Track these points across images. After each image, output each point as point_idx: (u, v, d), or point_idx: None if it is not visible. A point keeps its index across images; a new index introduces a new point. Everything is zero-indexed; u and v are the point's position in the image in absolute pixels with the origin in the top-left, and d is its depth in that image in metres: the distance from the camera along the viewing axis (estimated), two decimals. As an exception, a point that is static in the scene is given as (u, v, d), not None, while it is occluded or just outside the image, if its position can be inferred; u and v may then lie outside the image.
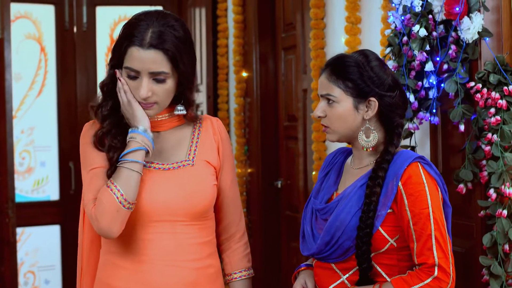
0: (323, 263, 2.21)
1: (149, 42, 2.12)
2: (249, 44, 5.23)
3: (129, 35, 2.15)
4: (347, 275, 2.16)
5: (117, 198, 2.10)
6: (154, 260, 2.19)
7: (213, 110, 5.56)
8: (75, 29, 5.97)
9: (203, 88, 5.65)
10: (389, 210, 2.11)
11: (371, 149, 2.20)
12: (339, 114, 2.18)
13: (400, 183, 2.09)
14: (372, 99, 2.17)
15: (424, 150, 3.07)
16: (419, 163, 2.12)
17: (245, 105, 5.35)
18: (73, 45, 5.98)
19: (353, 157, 2.28)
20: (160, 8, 6.24)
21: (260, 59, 5.10)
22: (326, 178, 2.32)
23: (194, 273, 2.23)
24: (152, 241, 2.19)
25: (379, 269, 2.13)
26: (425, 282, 2.05)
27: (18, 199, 5.43)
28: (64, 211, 5.86)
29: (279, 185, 5.00)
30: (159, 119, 2.26)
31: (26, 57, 5.86)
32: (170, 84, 2.17)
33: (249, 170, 5.31)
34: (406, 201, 2.08)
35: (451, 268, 2.06)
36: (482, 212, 2.68)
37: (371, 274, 2.13)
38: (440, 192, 2.14)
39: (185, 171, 2.24)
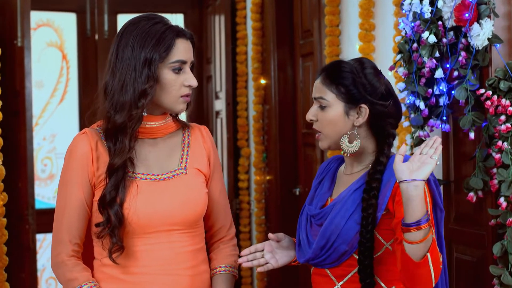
0: (319, 269, 2.20)
1: (188, 33, 2.22)
2: (267, 51, 5.22)
3: (171, 29, 2.18)
4: (341, 282, 2.16)
5: None
6: (154, 271, 2.18)
7: (232, 117, 5.57)
8: (96, 37, 6.03)
9: (222, 95, 5.66)
10: (383, 212, 2.09)
11: (349, 155, 2.19)
12: (330, 118, 2.19)
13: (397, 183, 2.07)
14: (363, 105, 2.16)
15: (437, 158, 3.04)
16: None
17: (264, 112, 5.34)
18: (94, 53, 6.03)
19: (345, 164, 2.28)
20: (181, 16, 6.28)
21: (278, 66, 5.09)
22: (320, 185, 2.32)
23: (191, 280, 2.23)
24: (151, 251, 2.19)
25: (375, 276, 2.12)
26: None
27: (39, 205, 5.47)
28: (84, 218, 5.88)
29: (297, 193, 4.98)
30: (156, 126, 2.26)
31: (48, 64, 5.93)
32: None
33: (267, 178, 5.30)
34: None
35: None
36: (492, 221, 2.65)
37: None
38: (433, 196, 2.12)
39: (179, 180, 2.24)
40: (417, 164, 1.97)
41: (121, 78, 2.17)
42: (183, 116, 2.39)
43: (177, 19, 6.20)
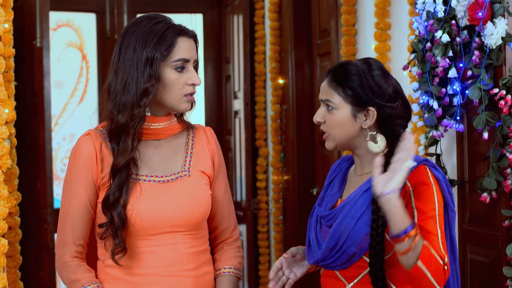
0: (329, 271, 2.19)
1: (190, 31, 2.20)
2: (285, 51, 5.21)
3: (172, 28, 2.17)
4: (351, 283, 2.14)
5: None
6: (157, 272, 2.18)
7: (251, 117, 5.56)
8: (116, 37, 6.03)
9: (240, 95, 5.66)
10: None
11: (385, 151, 2.15)
12: (337, 120, 2.15)
13: (408, 183, 2.05)
14: (371, 108, 2.13)
15: (451, 158, 3.02)
16: (426, 166, 2.08)
17: (282, 112, 5.33)
18: (114, 53, 6.03)
19: (355, 165, 2.25)
20: (200, 15, 6.28)
21: (296, 66, 5.09)
22: (331, 185, 2.29)
23: (194, 281, 2.23)
24: (154, 253, 2.19)
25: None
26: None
27: (58, 204, 5.46)
28: (104, 217, 5.90)
29: (315, 192, 4.97)
30: (160, 127, 2.26)
31: (68, 65, 5.96)
32: None
33: (285, 177, 5.29)
34: (413, 199, 2.05)
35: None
36: (506, 221, 2.62)
37: None
38: (444, 196, 2.09)
39: (183, 182, 2.23)
40: (390, 175, 1.95)
41: (124, 78, 2.16)
42: (201, 118, 2.38)
43: (196, 19, 6.21)
